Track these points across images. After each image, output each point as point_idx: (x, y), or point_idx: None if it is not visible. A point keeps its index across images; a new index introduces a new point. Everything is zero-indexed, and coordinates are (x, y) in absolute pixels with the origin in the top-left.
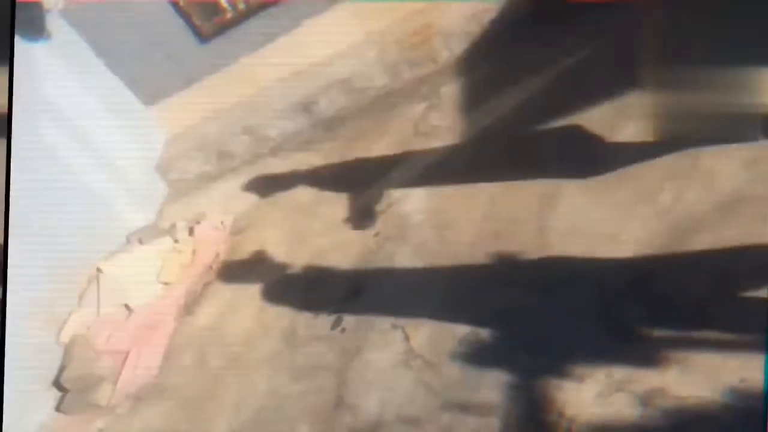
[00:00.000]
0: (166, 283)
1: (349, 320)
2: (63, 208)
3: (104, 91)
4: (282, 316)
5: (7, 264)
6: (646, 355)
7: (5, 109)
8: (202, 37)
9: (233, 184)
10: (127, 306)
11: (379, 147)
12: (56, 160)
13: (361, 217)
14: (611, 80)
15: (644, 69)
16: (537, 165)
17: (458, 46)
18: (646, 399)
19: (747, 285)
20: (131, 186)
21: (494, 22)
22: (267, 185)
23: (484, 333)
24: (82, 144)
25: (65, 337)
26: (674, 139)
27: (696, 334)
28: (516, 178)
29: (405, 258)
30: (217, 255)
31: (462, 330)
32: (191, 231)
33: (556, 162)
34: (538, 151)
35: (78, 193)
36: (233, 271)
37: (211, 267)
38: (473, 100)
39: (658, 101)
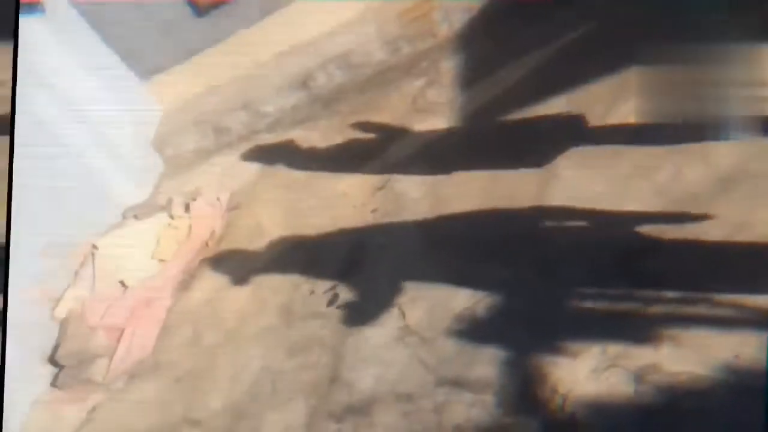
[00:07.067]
0: (161, 260)
1: (345, 297)
2: (58, 183)
3: (99, 65)
4: (278, 292)
5: (10, 242)
6: (641, 331)
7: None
8: (199, 10)
9: (230, 159)
10: (122, 282)
11: (378, 123)
12: (51, 135)
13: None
14: (610, 57)
15: (643, 46)
16: (535, 141)
17: (458, 21)
18: (640, 375)
19: (745, 262)
20: (127, 161)
21: None
22: (264, 161)
23: (480, 309)
24: (77, 119)
25: (60, 314)
26: (672, 116)
27: (691, 311)
28: (514, 155)
29: (402, 235)
30: (213, 231)
31: (458, 306)
32: (187, 207)
33: (554, 138)
34: (537, 127)
35: (73, 168)
36: (229, 247)
37: (207, 243)
38: (473, 75)
39: (656, 78)
